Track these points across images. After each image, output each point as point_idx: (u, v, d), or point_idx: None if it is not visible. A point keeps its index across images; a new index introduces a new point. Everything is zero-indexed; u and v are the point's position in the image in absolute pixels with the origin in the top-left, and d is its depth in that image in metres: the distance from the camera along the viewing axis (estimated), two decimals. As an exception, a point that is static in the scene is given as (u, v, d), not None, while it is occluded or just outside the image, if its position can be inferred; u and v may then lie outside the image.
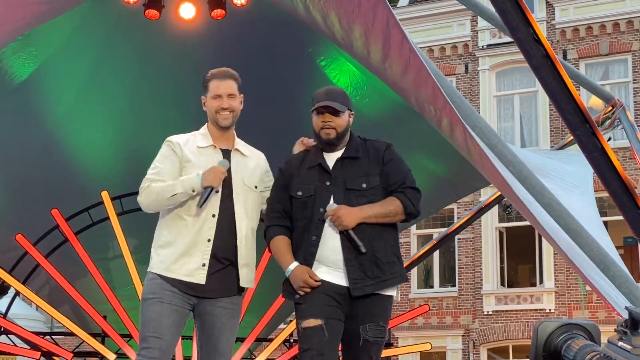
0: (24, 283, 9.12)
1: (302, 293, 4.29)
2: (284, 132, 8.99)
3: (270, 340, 9.86)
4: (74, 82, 8.52)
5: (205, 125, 4.67)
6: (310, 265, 4.32)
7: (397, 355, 15.42)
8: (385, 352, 6.70)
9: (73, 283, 8.92)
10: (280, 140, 8.97)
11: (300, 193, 4.42)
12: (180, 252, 4.44)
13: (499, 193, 9.53)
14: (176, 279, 4.42)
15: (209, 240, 4.45)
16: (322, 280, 4.29)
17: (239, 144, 4.70)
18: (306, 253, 4.34)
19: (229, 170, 4.52)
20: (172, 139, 4.60)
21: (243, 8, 7.84)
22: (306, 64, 8.42)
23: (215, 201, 4.48)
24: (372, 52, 4.89)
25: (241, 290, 4.59)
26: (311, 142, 4.57)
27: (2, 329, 9.20)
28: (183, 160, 4.51)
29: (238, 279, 4.52)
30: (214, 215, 4.47)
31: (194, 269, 4.43)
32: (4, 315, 9.46)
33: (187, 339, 8.22)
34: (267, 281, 9.07)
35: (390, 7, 4.55)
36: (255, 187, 4.63)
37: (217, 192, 4.45)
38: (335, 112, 4.40)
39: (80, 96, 8.59)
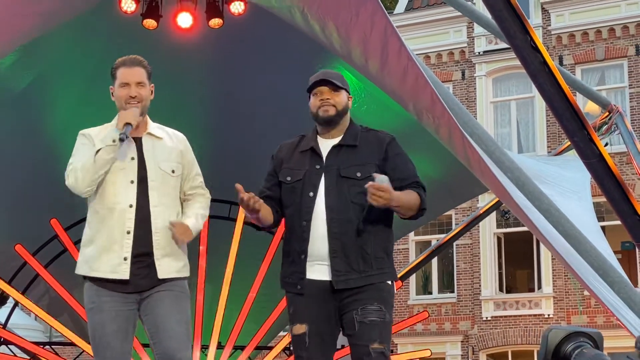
0: (23, 293, 9.12)
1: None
2: (281, 138, 9.04)
3: (270, 348, 9.87)
4: (72, 92, 8.53)
5: (116, 117, 4.41)
6: (304, 251, 4.12)
7: (396, 362, 15.40)
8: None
9: (72, 292, 8.91)
10: (275, 146, 9.03)
11: (289, 178, 4.24)
12: (101, 248, 4.21)
13: (497, 199, 9.55)
14: (102, 277, 4.19)
15: (128, 232, 4.20)
16: (307, 279, 4.10)
17: (153, 127, 4.46)
18: (299, 240, 4.13)
19: (141, 157, 4.30)
20: (84, 132, 4.44)
21: (240, 17, 7.86)
22: (304, 72, 8.42)
23: (131, 190, 4.24)
24: (370, 61, 4.91)
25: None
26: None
27: (1, 339, 9.20)
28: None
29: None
30: (131, 206, 4.23)
31: (116, 264, 4.18)
32: (4, 326, 9.46)
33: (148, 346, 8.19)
34: (266, 289, 9.09)
35: (388, 16, 4.57)
36: (173, 171, 4.36)
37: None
38: (335, 88, 4.24)
39: (79, 106, 8.60)
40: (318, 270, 4.10)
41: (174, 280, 4.27)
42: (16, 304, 9.57)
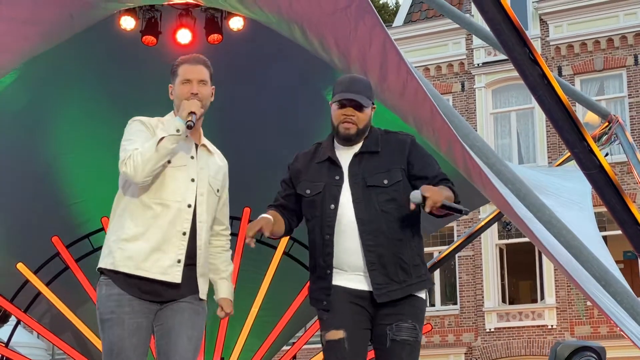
0: (25, 311, 9.11)
1: (249, 234, 3.94)
2: (283, 155, 9.04)
3: (274, 363, 9.86)
4: (71, 110, 8.54)
5: (170, 114, 4.23)
6: (329, 266, 4.03)
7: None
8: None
9: (75, 310, 8.91)
10: (278, 164, 9.03)
11: (308, 191, 4.12)
12: (152, 247, 3.96)
13: (499, 210, 9.54)
14: (147, 278, 3.95)
15: (184, 234, 3.99)
16: (343, 287, 4.00)
17: (205, 141, 4.28)
18: (323, 254, 4.04)
19: (196, 164, 4.12)
20: (140, 118, 4.17)
21: (240, 32, 7.89)
22: (304, 87, 8.46)
23: (191, 190, 4.05)
24: (369, 75, 4.91)
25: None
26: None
27: (4, 358, 9.18)
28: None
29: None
30: (189, 206, 4.02)
31: (168, 265, 3.96)
32: (6, 344, 9.45)
33: None
34: (269, 304, 9.08)
35: (387, 30, 4.59)
36: (218, 191, 4.21)
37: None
38: (359, 107, 4.08)
39: (78, 125, 8.61)
40: (354, 279, 4.03)
41: (191, 288, 4.09)
42: (18, 322, 9.55)
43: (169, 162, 4.02)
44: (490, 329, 23.86)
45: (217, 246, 4.29)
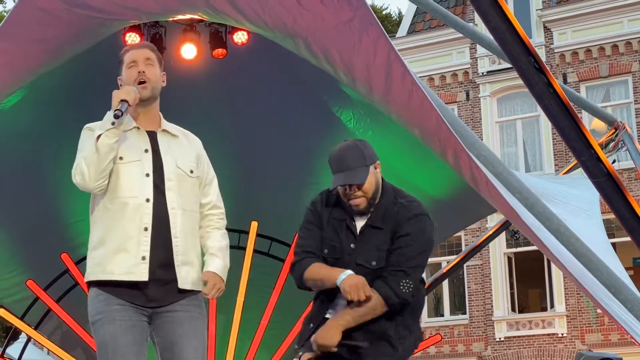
0: (35, 328, 9.13)
1: (356, 299, 3.79)
2: (290, 169, 9.06)
3: (284, 376, 9.84)
4: (76, 127, 8.55)
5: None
6: (316, 324, 4.05)
7: (411, 386, 15.32)
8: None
9: (85, 326, 8.91)
10: (283, 177, 9.05)
11: (326, 251, 4.01)
12: (114, 248, 3.80)
13: (507, 219, 9.53)
14: (118, 281, 3.78)
15: (145, 229, 3.80)
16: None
17: (167, 125, 4.11)
18: (319, 311, 4.07)
19: (157, 152, 3.94)
20: (89, 125, 4.04)
21: (244, 46, 7.92)
22: (309, 100, 8.47)
23: (147, 184, 3.86)
24: (374, 86, 4.92)
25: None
26: None
27: (15, 376, 9.20)
28: None
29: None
30: (148, 200, 3.83)
31: (133, 264, 3.78)
32: (17, 362, 9.47)
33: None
34: (278, 316, 9.07)
35: (391, 42, 4.59)
36: (191, 171, 4.00)
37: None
38: (359, 185, 3.93)
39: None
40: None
41: (191, 294, 3.93)
42: (29, 339, 9.56)
43: (120, 158, 3.90)
44: (500, 338, 23.80)
45: (206, 226, 4.09)
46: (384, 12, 40.06)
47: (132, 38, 7.75)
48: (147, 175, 3.89)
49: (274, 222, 8.88)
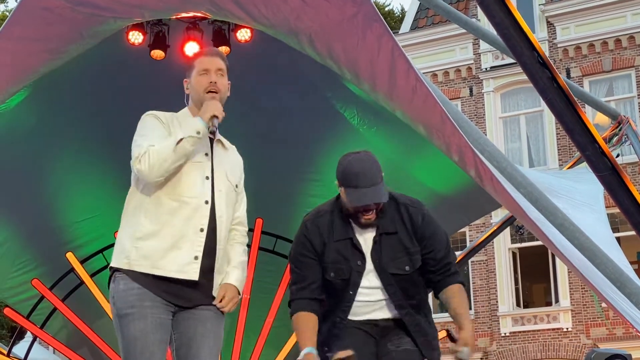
0: (41, 327, 9.14)
1: None
2: (294, 166, 9.06)
3: (290, 372, 9.84)
4: (80, 127, 8.56)
5: (185, 109, 4.15)
6: (330, 346, 3.97)
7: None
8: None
9: (91, 325, 8.93)
10: (288, 174, 9.05)
11: (332, 274, 3.97)
12: (168, 245, 3.83)
13: (511, 214, 9.53)
14: (164, 277, 3.81)
15: (201, 230, 3.85)
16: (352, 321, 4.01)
17: (220, 136, 4.17)
18: (329, 334, 4.01)
19: (211, 161, 4.00)
20: (154, 113, 4.06)
21: (247, 44, 7.91)
22: (312, 97, 8.46)
23: (207, 187, 3.92)
24: (378, 83, 4.92)
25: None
26: None
27: (22, 375, 9.22)
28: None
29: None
30: (207, 202, 3.89)
31: (185, 263, 3.81)
32: (23, 361, 9.49)
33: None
34: (284, 313, 9.08)
35: (395, 38, 4.59)
36: (237, 186, 4.09)
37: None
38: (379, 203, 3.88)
39: (89, 138, 8.64)
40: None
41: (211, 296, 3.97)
42: (35, 338, 9.58)
43: None
44: (505, 334, 23.79)
45: (232, 239, 4.12)
46: (386, 9, 40.04)
47: (135, 37, 7.76)
48: (207, 178, 3.94)
49: (278, 220, 8.89)
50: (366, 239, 3.98)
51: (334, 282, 3.98)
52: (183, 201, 3.86)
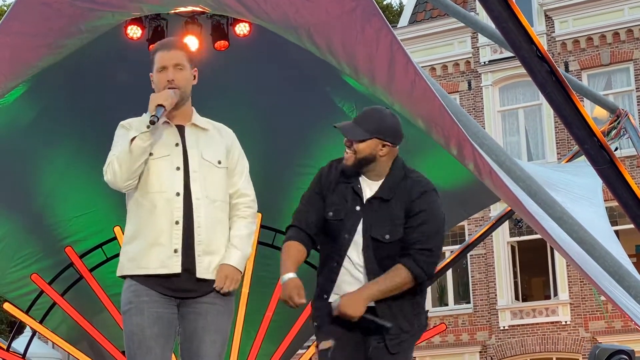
0: (40, 322, 9.15)
1: (290, 304, 3.94)
2: (293, 160, 9.06)
3: (289, 366, 9.86)
4: (79, 122, 8.57)
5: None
6: (328, 292, 4.07)
7: (415, 376, 15.36)
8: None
9: (90, 320, 8.94)
10: (286, 168, 9.05)
11: (331, 214, 4.07)
12: (148, 243, 3.90)
13: (510, 208, 9.54)
14: (151, 275, 3.88)
15: (177, 223, 3.89)
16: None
17: (198, 119, 4.18)
18: (327, 280, 4.09)
19: (184, 146, 4.02)
20: (124, 122, 4.12)
21: (246, 38, 7.91)
22: (311, 92, 8.47)
23: (177, 178, 3.94)
24: (377, 77, 4.92)
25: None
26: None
27: (22, 370, 9.23)
28: None
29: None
30: (178, 194, 3.92)
31: (166, 257, 3.88)
32: (23, 355, 9.48)
33: None
34: (283, 307, 9.08)
35: (393, 31, 4.59)
36: (219, 162, 4.07)
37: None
38: (350, 140, 4.07)
39: (88, 133, 8.64)
40: None
41: (212, 282, 3.97)
42: (34, 333, 9.59)
43: (151, 154, 3.97)
44: (504, 327, 23.84)
45: (232, 215, 4.14)
46: (384, 3, 40.01)
47: (134, 31, 7.76)
48: (178, 168, 3.98)
49: (277, 214, 8.89)
50: (366, 191, 4.08)
51: (330, 222, 4.06)
52: (154, 197, 3.94)
